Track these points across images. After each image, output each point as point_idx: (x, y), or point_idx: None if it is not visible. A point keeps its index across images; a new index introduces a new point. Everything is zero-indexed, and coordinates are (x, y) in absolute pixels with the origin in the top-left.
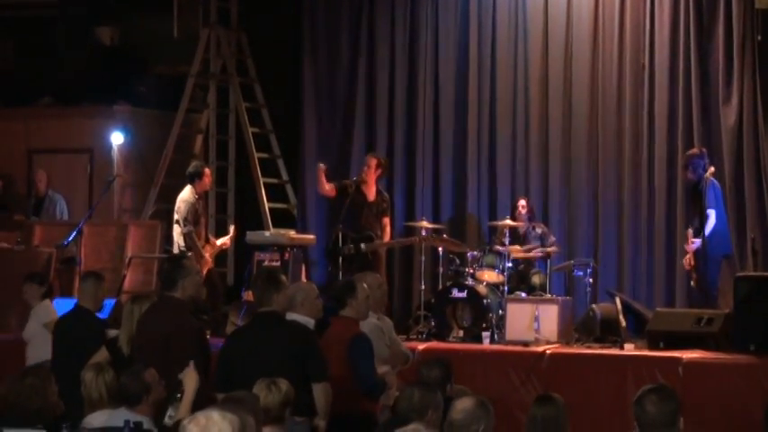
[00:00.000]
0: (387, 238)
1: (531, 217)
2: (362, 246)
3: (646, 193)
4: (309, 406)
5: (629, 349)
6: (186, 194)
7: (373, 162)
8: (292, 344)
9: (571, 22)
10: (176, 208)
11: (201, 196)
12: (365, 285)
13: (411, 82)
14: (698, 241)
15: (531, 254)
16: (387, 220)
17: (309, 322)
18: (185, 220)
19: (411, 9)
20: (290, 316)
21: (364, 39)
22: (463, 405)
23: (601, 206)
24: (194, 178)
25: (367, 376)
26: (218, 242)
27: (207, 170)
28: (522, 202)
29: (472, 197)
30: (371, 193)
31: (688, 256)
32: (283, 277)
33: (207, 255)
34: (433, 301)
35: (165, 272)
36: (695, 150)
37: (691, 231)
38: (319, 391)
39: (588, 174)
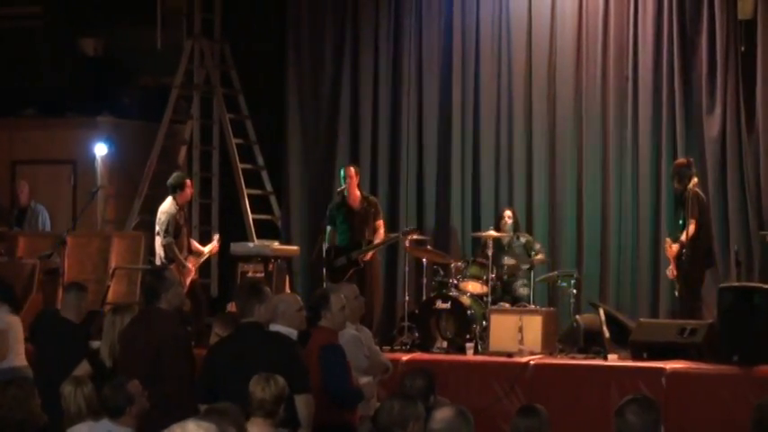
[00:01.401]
0: (378, 239)
1: (515, 227)
2: (352, 254)
3: (630, 204)
4: (293, 417)
5: (613, 360)
6: (167, 206)
7: (352, 171)
8: (274, 355)
9: (555, 33)
10: (157, 219)
11: (183, 207)
12: (342, 296)
13: (395, 93)
14: (676, 247)
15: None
16: (379, 223)
17: (292, 333)
18: (166, 231)
19: (395, 21)
20: (274, 327)
21: (348, 50)
22: (443, 415)
23: (585, 217)
24: (176, 189)
25: (337, 386)
26: (206, 249)
27: (188, 181)
28: (508, 212)
29: (456, 208)
30: (356, 201)
31: (671, 266)
32: (267, 289)
33: (190, 265)
34: (416, 312)
35: (148, 285)
36: (682, 160)
37: (669, 240)
38: (302, 403)
39: (572, 185)
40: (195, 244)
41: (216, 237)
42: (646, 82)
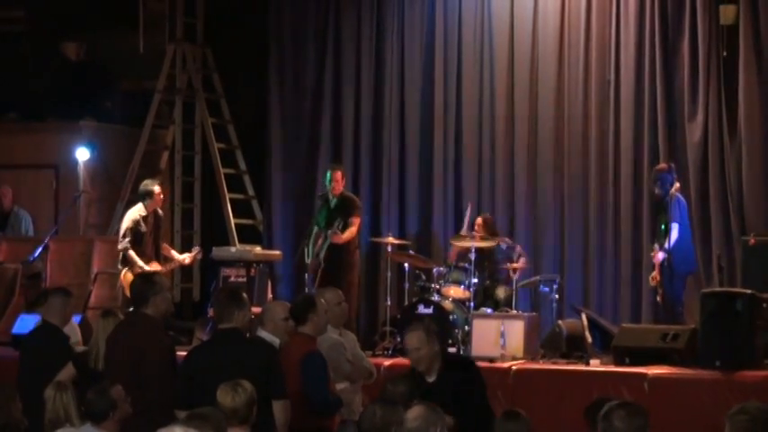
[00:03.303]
0: (345, 236)
1: (493, 233)
2: (320, 254)
3: (612, 208)
4: (270, 423)
5: (595, 365)
6: (133, 212)
7: (339, 175)
8: (252, 361)
9: (537, 38)
10: (122, 223)
11: (151, 213)
12: (322, 301)
13: (377, 97)
14: (662, 254)
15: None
16: (352, 219)
17: (275, 341)
18: (123, 236)
19: (377, 29)
20: (260, 333)
21: (330, 55)
22: (416, 412)
23: (567, 222)
24: (145, 198)
25: (316, 395)
26: (180, 257)
27: (157, 188)
28: (479, 220)
29: (438, 213)
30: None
31: (654, 272)
32: (245, 295)
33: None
34: (399, 316)
35: (137, 289)
36: (663, 165)
37: (657, 247)
38: (279, 408)
39: (554, 190)
40: (171, 251)
41: (195, 248)
42: (627, 86)
